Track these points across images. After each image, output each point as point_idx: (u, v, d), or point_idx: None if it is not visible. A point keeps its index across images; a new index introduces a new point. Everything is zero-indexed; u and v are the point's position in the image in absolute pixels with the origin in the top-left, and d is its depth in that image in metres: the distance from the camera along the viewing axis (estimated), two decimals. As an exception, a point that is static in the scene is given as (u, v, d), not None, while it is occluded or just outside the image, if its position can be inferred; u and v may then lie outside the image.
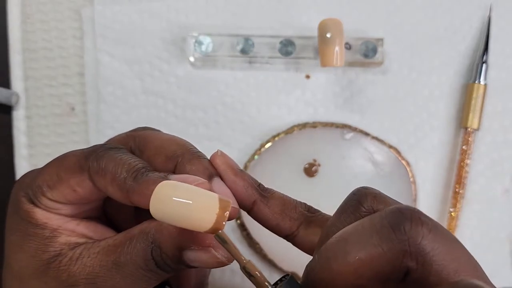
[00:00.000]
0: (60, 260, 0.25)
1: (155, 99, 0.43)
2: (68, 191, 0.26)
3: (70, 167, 0.26)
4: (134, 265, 0.24)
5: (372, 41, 0.42)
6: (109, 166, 0.25)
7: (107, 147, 0.26)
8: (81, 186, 0.26)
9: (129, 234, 0.25)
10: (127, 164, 0.25)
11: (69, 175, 0.26)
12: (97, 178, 0.25)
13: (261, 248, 0.41)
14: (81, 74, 0.44)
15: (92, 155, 0.26)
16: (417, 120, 0.44)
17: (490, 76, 0.44)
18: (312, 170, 0.42)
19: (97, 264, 0.25)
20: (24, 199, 0.27)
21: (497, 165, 0.43)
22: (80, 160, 0.26)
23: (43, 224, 0.26)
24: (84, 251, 0.25)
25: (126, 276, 0.24)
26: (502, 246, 0.43)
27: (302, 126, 0.43)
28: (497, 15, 0.44)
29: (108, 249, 0.25)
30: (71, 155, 0.26)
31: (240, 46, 0.42)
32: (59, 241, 0.26)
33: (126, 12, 0.44)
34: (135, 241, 0.25)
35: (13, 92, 0.43)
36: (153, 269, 0.24)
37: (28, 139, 0.44)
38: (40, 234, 0.26)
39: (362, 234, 0.21)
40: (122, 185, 0.25)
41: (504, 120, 0.44)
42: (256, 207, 0.27)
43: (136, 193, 0.25)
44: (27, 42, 0.44)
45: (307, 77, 0.44)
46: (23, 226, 0.26)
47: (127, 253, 0.24)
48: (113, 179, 0.25)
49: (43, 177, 0.26)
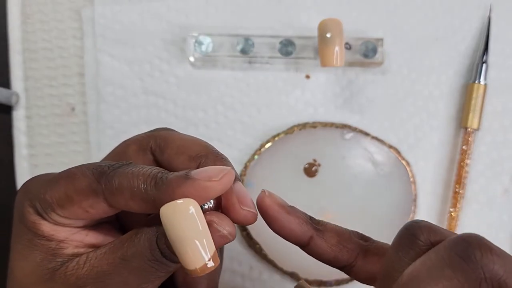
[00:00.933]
0: (67, 266, 0.25)
1: (155, 99, 0.43)
2: (81, 212, 0.25)
3: (82, 190, 0.25)
4: (141, 257, 0.24)
5: (372, 41, 0.42)
6: (123, 183, 0.24)
7: (116, 166, 0.25)
8: (94, 208, 0.25)
9: (134, 230, 0.25)
10: (141, 174, 0.24)
11: (81, 197, 0.25)
12: (114, 199, 0.25)
13: (261, 248, 0.41)
14: (81, 74, 0.44)
15: (103, 177, 0.25)
16: (417, 120, 0.44)
17: (490, 76, 0.44)
18: (312, 170, 0.42)
19: (104, 263, 0.25)
20: (31, 210, 0.26)
21: (497, 165, 0.43)
22: (92, 184, 0.25)
23: (50, 236, 0.26)
24: (91, 254, 0.25)
25: (133, 270, 0.24)
26: (502, 246, 0.43)
27: (302, 126, 0.43)
28: (497, 15, 0.44)
29: (114, 246, 0.25)
30: (80, 176, 0.25)
31: (240, 46, 0.42)
32: (65, 252, 0.26)
33: (126, 12, 0.44)
34: (140, 234, 0.25)
35: (13, 92, 0.43)
36: (159, 259, 0.24)
37: (28, 139, 0.44)
38: (46, 246, 0.26)
39: (433, 269, 0.21)
40: (145, 197, 0.24)
41: (504, 120, 0.44)
42: (313, 242, 0.27)
43: (162, 200, 0.24)
44: (27, 42, 0.44)
45: (307, 77, 0.44)
46: (28, 236, 0.26)
47: (133, 246, 0.24)
48: (133, 194, 0.24)
49: (52, 194, 0.25)
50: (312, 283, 0.41)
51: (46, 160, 0.44)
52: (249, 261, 0.42)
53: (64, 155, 0.44)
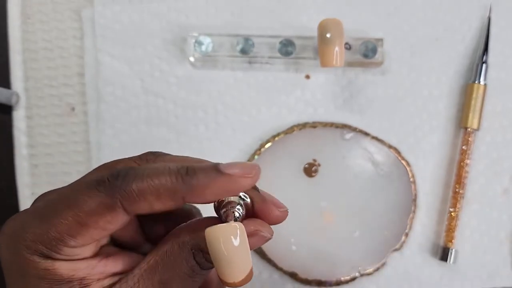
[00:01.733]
0: None
1: (155, 99, 0.43)
2: (97, 232, 0.24)
3: (94, 210, 0.23)
4: (182, 277, 0.24)
5: (372, 41, 0.42)
6: (144, 187, 0.23)
7: (124, 174, 0.24)
8: (113, 223, 0.24)
9: (160, 251, 0.25)
10: (164, 172, 0.24)
11: (96, 217, 0.23)
12: (136, 206, 0.24)
13: (261, 248, 0.41)
14: (81, 74, 0.44)
15: (115, 189, 0.23)
16: (417, 120, 0.44)
17: (490, 76, 0.44)
18: (312, 170, 0.42)
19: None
20: (36, 257, 0.24)
21: (496, 165, 0.43)
22: (103, 200, 0.23)
23: (70, 277, 0.24)
24: (123, 285, 0.24)
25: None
26: (501, 246, 0.43)
27: (302, 126, 0.43)
28: (496, 15, 0.44)
29: (147, 272, 0.24)
30: (85, 197, 0.24)
31: (240, 46, 0.42)
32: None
33: (126, 12, 0.44)
34: (174, 256, 0.24)
35: (13, 92, 0.43)
36: (199, 272, 0.24)
37: (29, 139, 0.44)
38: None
39: None
40: (174, 194, 0.23)
41: (503, 120, 0.44)
42: None
43: (192, 195, 0.23)
44: (27, 42, 0.44)
45: (307, 77, 0.44)
46: (44, 286, 0.24)
47: (171, 268, 0.24)
48: (159, 194, 0.23)
49: (56, 229, 0.23)
50: (312, 283, 0.42)
51: (46, 160, 0.44)
52: (249, 261, 0.42)
53: (64, 155, 0.44)
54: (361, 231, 0.42)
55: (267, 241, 0.25)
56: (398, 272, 0.43)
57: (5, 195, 0.44)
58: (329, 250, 0.41)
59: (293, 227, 0.41)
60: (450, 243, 0.42)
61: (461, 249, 0.43)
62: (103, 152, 0.43)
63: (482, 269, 0.43)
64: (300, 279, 0.41)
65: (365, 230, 0.42)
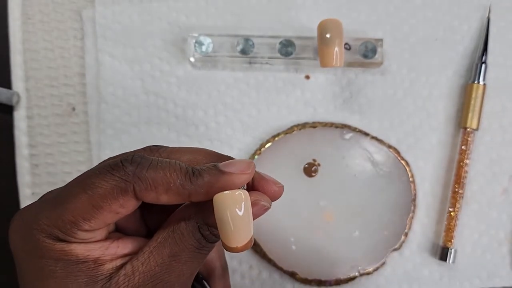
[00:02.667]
0: (117, 280, 0.25)
1: (155, 99, 0.44)
2: (110, 215, 0.25)
3: (109, 193, 0.25)
4: (189, 248, 0.26)
5: (371, 42, 0.42)
6: (157, 178, 0.25)
7: (137, 161, 0.26)
8: (125, 207, 0.25)
9: (167, 228, 0.27)
10: (176, 169, 0.26)
11: (110, 201, 0.25)
12: (146, 194, 0.25)
13: (261, 248, 0.42)
14: (82, 74, 0.44)
15: (129, 175, 0.25)
16: (416, 120, 0.44)
17: (489, 76, 0.44)
18: (311, 169, 0.42)
19: (154, 265, 0.26)
20: (51, 240, 0.25)
21: (496, 165, 0.44)
22: (117, 184, 0.25)
23: (85, 257, 0.25)
24: (135, 262, 0.26)
25: (185, 262, 0.26)
26: (501, 246, 0.43)
27: (302, 126, 0.43)
28: (496, 15, 0.44)
29: (157, 247, 0.26)
30: (101, 181, 0.25)
31: (240, 46, 0.42)
32: (105, 267, 0.26)
33: (126, 12, 0.44)
34: (180, 230, 0.26)
35: (14, 92, 0.43)
36: (205, 244, 0.26)
37: (29, 139, 0.44)
38: (83, 268, 0.25)
39: None
40: (181, 191, 0.25)
41: (503, 120, 0.44)
42: None
43: (197, 193, 0.26)
44: (28, 42, 0.44)
45: (306, 77, 0.44)
46: (60, 267, 0.25)
47: (178, 241, 0.26)
48: (168, 188, 0.25)
49: (72, 212, 0.25)
50: (312, 282, 0.42)
51: (47, 160, 0.44)
52: (249, 260, 0.43)
53: (65, 155, 0.44)
54: (361, 231, 0.42)
55: (266, 210, 0.27)
56: (398, 271, 0.43)
57: (6, 194, 0.44)
58: (329, 249, 0.41)
59: (293, 227, 0.42)
60: (449, 243, 0.42)
61: (460, 249, 0.43)
62: (103, 152, 0.43)
63: (481, 269, 0.43)
64: (300, 279, 0.42)
65: (364, 230, 0.42)
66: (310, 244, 0.42)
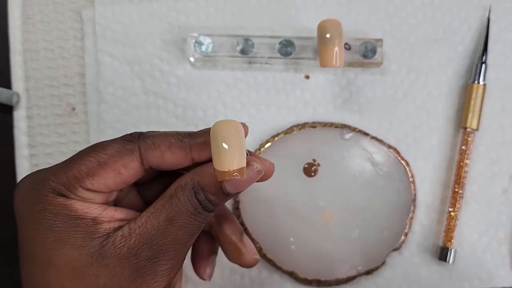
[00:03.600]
0: (114, 240, 0.26)
1: (155, 99, 0.44)
2: (112, 175, 0.27)
3: (115, 152, 0.27)
4: (185, 213, 0.27)
5: (371, 42, 0.42)
6: (159, 140, 0.27)
7: (141, 132, 0.28)
8: (127, 167, 0.27)
9: (166, 194, 0.28)
10: (175, 132, 0.28)
11: (115, 158, 0.27)
12: (150, 152, 0.27)
13: (260, 248, 0.42)
14: (82, 74, 0.44)
15: (135, 138, 0.28)
16: (416, 120, 0.44)
17: (489, 76, 0.44)
18: (311, 170, 0.42)
19: (150, 228, 0.27)
20: (53, 195, 0.26)
21: (496, 165, 0.43)
22: (125, 145, 0.27)
23: (83, 214, 0.26)
24: (132, 225, 0.27)
25: (181, 226, 0.27)
26: (501, 246, 0.43)
27: (302, 126, 0.43)
28: (496, 15, 0.44)
29: (154, 212, 0.27)
30: (110, 143, 0.27)
31: (240, 46, 0.42)
32: (103, 227, 0.27)
33: (126, 12, 0.44)
34: (177, 195, 0.27)
35: (14, 92, 0.44)
36: (201, 211, 0.27)
37: (29, 139, 0.44)
38: (82, 224, 0.26)
39: None
40: (183, 145, 0.27)
41: (503, 120, 0.44)
42: None
43: (197, 145, 0.27)
44: (28, 42, 0.44)
45: (306, 77, 0.44)
46: (60, 221, 0.26)
47: (175, 206, 0.27)
48: (170, 144, 0.27)
49: (78, 168, 0.26)
50: (311, 282, 0.42)
51: (47, 160, 0.44)
52: (249, 260, 0.43)
53: (64, 155, 0.44)
54: (361, 231, 0.42)
55: (259, 174, 0.28)
56: (397, 272, 0.43)
57: (6, 195, 0.44)
58: (329, 249, 0.41)
59: (292, 227, 0.42)
60: (449, 243, 0.42)
61: (460, 249, 0.43)
62: (103, 152, 0.43)
63: (481, 269, 0.43)
64: (300, 279, 0.42)
65: (364, 230, 0.42)
66: (310, 244, 0.42)
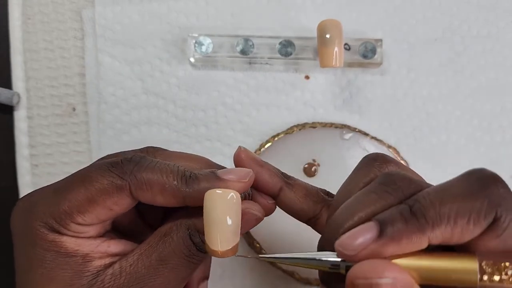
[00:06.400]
0: (103, 279, 0.25)
1: (155, 100, 0.44)
2: (104, 212, 0.26)
3: (105, 189, 0.25)
4: (178, 254, 0.26)
5: (371, 42, 0.42)
6: (153, 178, 0.25)
7: (137, 160, 0.26)
8: (118, 204, 0.26)
9: (159, 232, 0.26)
10: (171, 172, 0.26)
11: (105, 196, 0.25)
12: (141, 193, 0.26)
13: (261, 248, 0.42)
14: (82, 74, 0.44)
15: (126, 173, 0.25)
16: (416, 120, 0.44)
17: (489, 76, 0.44)
18: (311, 170, 0.42)
19: (141, 268, 0.25)
20: (45, 230, 0.25)
21: (496, 165, 0.44)
22: (114, 181, 0.25)
23: (74, 252, 0.26)
24: (123, 262, 0.26)
25: (173, 268, 0.26)
26: (500, 246, 0.43)
27: (302, 126, 0.43)
28: (496, 15, 0.44)
29: (147, 251, 0.26)
30: (98, 176, 0.26)
31: (240, 47, 0.42)
32: (93, 264, 0.26)
33: (126, 13, 0.44)
34: (171, 235, 0.26)
35: (14, 92, 0.44)
36: (195, 252, 0.26)
37: (29, 139, 0.44)
38: (72, 262, 0.25)
39: (361, 195, 0.25)
40: (177, 193, 0.25)
41: (503, 120, 0.44)
42: (282, 193, 0.29)
43: (192, 197, 0.26)
44: (28, 42, 0.44)
45: (306, 77, 0.44)
46: (49, 258, 0.25)
47: (168, 245, 0.26)
48: (163, 189, 0.25)
49: (69, 203, 0.25)
50: (312, 282, 0.42)
51: (47, 160, 0.44)
52: (249, 260, 0.43)
53: (64, 155, 0.44)
54: (361, 231, 0.42)
55: (258, 221, 0.27)
56: (397, 271, 0.43)
57: (6, 195, 0.44)
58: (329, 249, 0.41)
59: (292, 227, 0.42)
60: (449, 243, 0.42)
61: (460, 248, 0.43)
62: (103, 152, 0.43)
63: (481, 269, 0.43)
64: (300, 279, 0.42)
65: (364, 230, 0.42)
66: (310, 244, 0.42)
